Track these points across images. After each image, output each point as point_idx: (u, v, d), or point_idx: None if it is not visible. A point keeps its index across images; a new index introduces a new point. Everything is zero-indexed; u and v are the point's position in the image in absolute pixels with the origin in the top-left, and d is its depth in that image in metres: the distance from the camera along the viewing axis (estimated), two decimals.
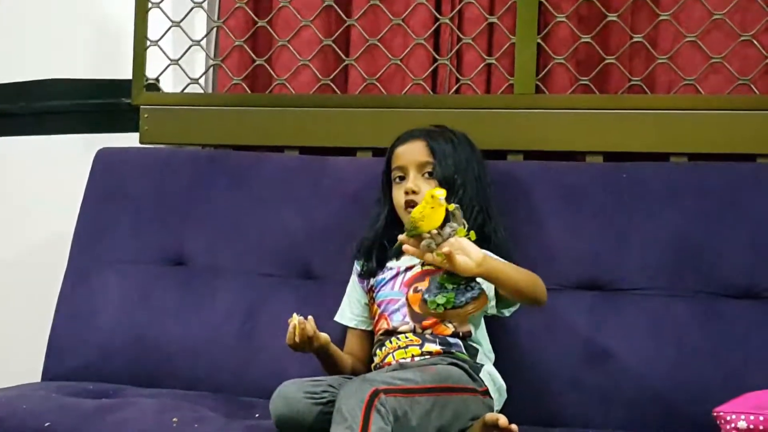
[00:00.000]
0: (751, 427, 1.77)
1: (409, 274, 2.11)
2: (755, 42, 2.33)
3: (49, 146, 2.85)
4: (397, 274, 2.14)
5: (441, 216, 1.83)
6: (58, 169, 2.82)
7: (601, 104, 2.39)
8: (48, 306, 2.46)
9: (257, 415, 2.03)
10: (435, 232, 1.82)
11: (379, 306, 2.13)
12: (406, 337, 2.06)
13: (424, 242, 1.83)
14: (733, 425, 1.79)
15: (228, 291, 2.36)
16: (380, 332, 2.11)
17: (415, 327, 2.06)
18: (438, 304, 1.86)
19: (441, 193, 1.82)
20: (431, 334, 2.04)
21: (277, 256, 2.36)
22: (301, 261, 2.35)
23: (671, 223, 2.18)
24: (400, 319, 2.08)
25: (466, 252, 1.85)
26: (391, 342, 2.06)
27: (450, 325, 2.05)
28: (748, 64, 2.35)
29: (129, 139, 2.66)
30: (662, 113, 2.34)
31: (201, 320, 2.34)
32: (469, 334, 2.05)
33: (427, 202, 1.82)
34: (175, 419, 1.91)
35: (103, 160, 2.56)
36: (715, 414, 1.83)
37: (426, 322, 2.05)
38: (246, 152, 2.54)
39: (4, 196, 2.91)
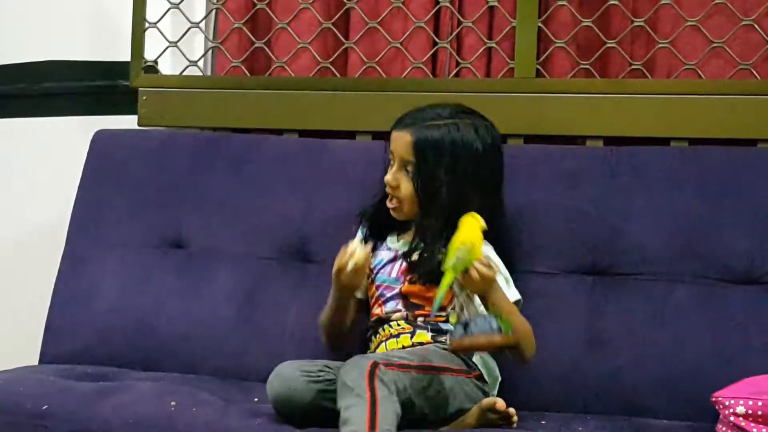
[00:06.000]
0: (750, 412, 1.77)
1: (406, 262, 2.09)
2: (756, 26, 2.33)
3: (47, 128, 2.84)
4: (395, 258, 2.11)
5: (480, 238, 1.88)
6: (55, 151, 2.81)
7: (602, 88, 2.38)
8: (46, 289, 2.45)
9: (256, 399, 2.03)
10: (484, 258, 1.88)
11: (377, 289, 2.11)
12: (398, 325, 2.04)
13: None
14: (731, 410, 1.79)
15: (226, 274, 2.35)
16: (374, 318, 2.09)
17: (407, 315, 2.04)
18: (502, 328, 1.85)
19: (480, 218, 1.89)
20: (423, 321, 2.03)
21: (276, 239, 2.36)
22: (300, 244, 2.34)
23: (671, 208, 2.18)
24: (393, 306, 2.07)
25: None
26: (383, 329, 2.06)
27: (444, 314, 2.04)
28: (749, 49, 2.34)
29: (127, 122, 2.66)
30: (663, 98, 2.34)
31: (199, 303, 2.34)
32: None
33: (470, 228, 1.87)
34: (173, 402, 1.91)
35: (101, 141, 2.55)
36: (713, 399, 1.83)
37: (419, 311, 2.03)
38: (245, 135, 2.54)
39: (1, 178, 2.90)
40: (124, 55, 2.66)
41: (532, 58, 2.43)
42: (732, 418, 1.79)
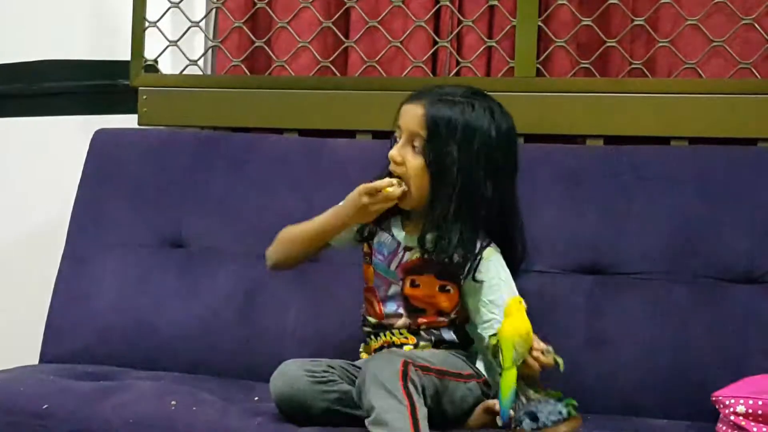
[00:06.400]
0: (750, 411, 1.77)
1: (407, 257, 1.98)
2: (756, 25, 2.33)
3: (47, 127, 2.84)
4: (396, 250, 1.99)
5: (528, 323, 1.79)
6: (55, 150, 2.81)
7: (602, 87, 2.38)
8: (46, 288, 2.45)
9: (256, 398, 2.03)
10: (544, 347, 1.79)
11: (376, 276, 2.01)
12: (401, 334, 1.98)
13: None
14: (731, 409, 1.79)
15: (227, 273, 2.35)
16: (372, 318, 2.02)
17: (410, 324, 1.98)
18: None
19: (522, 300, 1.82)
20: (425, 330, 1.97)
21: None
22: None
23: (671, 207, 2.18)
24: (393, 309, 1.99)
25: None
26: (384, 335, 1.99)
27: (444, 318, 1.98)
28: (749, 48, 2.34)
29: (127, 121, 2.65)
30: (663, 97, 2.34)
31: (199, 303, 2.34)
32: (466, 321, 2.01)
33: (516, 315, 1.79)
34: (173, 402, 1.91)
35: (101, 141, 2.55)
36: (714, 398, 1.83)
37: (422, 319, 1.97)
38: (245, 134, 2.54)
39: (1, 177, 2.90)
40: (125, 54, 2.66)
41: (532, 58, 2.43)
42: (732, 417, 1.79)
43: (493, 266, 1.93)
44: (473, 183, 1.90)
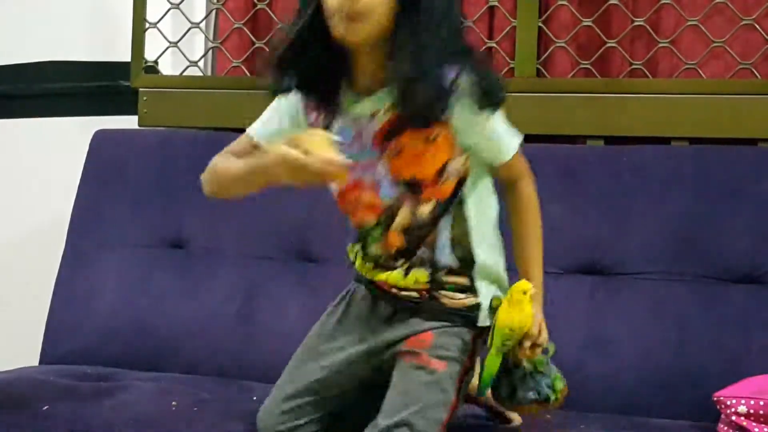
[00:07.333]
0: (752, 411, 1.77)
1: (376, 124, 1.65)
2: (757, 26, 2.32)
3: (48, 128, 2.84)
4: (361, 124, 1.67)
5: (529, 311, 1.67)
6: (56, 151, 2.81)
7: (603, 88, 2.38)
8: (46, 289, 2.45)
9: (255, 398, 2.03)
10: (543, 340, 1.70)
11: (352, 172, 1.64)
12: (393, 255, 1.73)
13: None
14: (733, 410, 1.79)
15: (227, 274, 2.35)
16: (364, 221, 1.73)
17: (411, 217, 1.68)
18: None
19: (530, 286, 1.67)
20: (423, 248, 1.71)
21: (277, 238, 2.36)
22: (300, 244, 2.34)
23: (672, 207, 2.18)
24: (390, 191, 1.69)
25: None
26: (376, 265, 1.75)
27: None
28: (750, 49, 2.34)
29: (127, 122, 2.65)
30: (663, 97, 2.33)
31: (200, 303, 2.34)
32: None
33: (516, 302, 1.65)
34: (174, 402, 1.91)
35: (101, 141, 2.54)
36: (715, 399, 1.83)
37: (425, 195, 1.67)
38: None
39: (0, 178, 2.90)
40: (125, 55, 2.66)
41: (533, 58, 2.42)
42: (734, 418, 1.79)
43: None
44: (441, 24, 1.59)
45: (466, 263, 1.73)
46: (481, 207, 1.74)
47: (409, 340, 1.72)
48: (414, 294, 1.74)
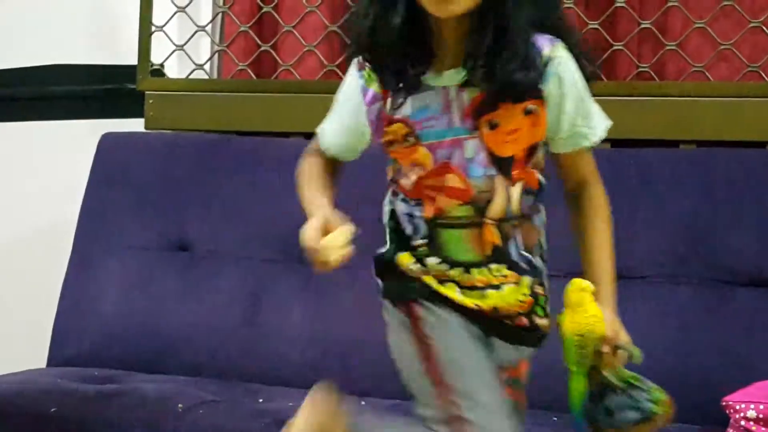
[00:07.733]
0: (761, 416, 1.77)
1: (466, 98, 1.48)
2: (765, 29, 2.32)
3: (55, 132, 2.85)
4: (447, 99, 1.48)
5: (596, 311, 1.46)
6: (63, 154, 2.82)
7: (610, 91, 2.37)
8: (52, 291, 2.45)
9: (260, 400, 2.03)
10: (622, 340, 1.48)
11: (431, 151, 1.49)
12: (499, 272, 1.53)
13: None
14: (742, 414, 1.78)
15: (231, 276, 2.35)
16: (444, 210, 1.50)
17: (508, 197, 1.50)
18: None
19: (587, 283, 1.49)
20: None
21: (281, 241, 2.35)
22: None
23: (678, 210, 2.17)
24: (481, 172, 1.48)
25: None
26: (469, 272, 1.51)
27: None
28: (757, 51, 2.33)
29: (134, 125, 2.66)
30: (671, 100, 2.33)
31: (204, 306, 2.34)
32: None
33: (577, 305, 1.47)
34: (180, 405, 1.91)
35: (108, 144, 2.55)
36: (724, 403, 1.82)
37: (516, 171, 1.49)
38: (250, 137, 2.54)
39: (8, 181, 2.90)
40: (131, 58, 2.66)
41: None
42: (743, 423, 1.78)
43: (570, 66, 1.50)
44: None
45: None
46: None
47: (507, 370, 1.56)
48: (523, 319, 1.55)
